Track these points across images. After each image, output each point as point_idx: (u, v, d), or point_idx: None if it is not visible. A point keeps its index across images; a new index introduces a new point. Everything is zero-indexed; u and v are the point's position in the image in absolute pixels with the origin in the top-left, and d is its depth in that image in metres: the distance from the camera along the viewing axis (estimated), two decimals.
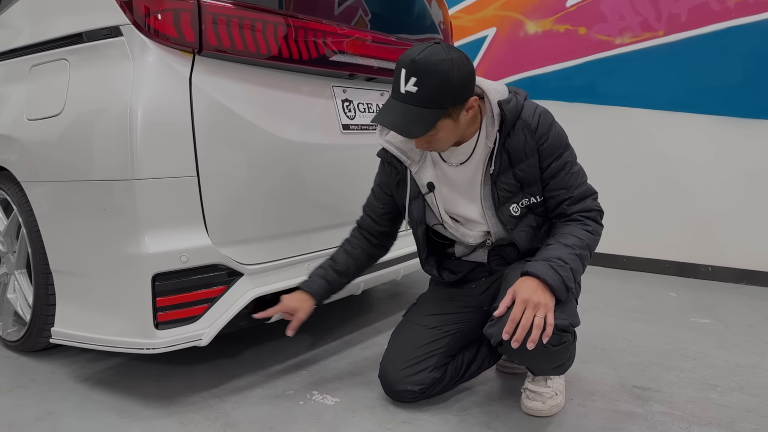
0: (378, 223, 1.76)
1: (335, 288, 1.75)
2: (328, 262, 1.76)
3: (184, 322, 1.59)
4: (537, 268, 1.41)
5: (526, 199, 1.56)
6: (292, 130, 1.84)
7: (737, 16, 3.06)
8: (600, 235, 1.53)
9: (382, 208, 1.75)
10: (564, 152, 1.53)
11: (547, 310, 1.36)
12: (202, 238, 1.60)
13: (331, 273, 1.73)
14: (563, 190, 1.53)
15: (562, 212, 1.54)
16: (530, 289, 1.37)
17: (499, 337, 1.38)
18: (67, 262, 1.74)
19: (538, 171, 1.53)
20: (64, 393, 1.74)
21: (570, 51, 3.54)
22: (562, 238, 1.48)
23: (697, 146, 3.25)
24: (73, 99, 1.66)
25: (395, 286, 2.97)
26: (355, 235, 1.80)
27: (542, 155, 1.52)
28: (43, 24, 1.81)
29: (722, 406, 1.69)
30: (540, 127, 1.51)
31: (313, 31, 1.86)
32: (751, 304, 2.81)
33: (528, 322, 1.34)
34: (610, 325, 2.42)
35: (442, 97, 1.39)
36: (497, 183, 1.54)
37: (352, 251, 1.76)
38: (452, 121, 1.44)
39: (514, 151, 1.52)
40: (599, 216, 1.54)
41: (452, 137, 1.49)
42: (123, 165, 1.52)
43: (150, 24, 1.53)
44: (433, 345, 1.64)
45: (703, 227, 3.28)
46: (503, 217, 1.56)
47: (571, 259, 1.43)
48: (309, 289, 1.70)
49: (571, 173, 1.53)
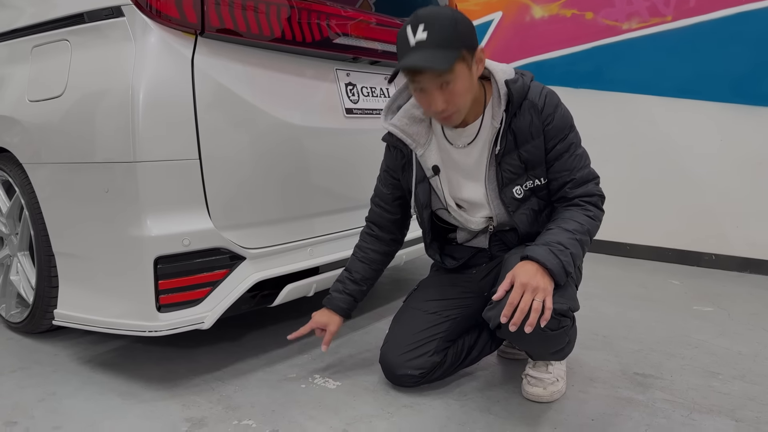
0: (389, 211, 1.75)
1: (358, 298, 1.76)
2: (344, 274, 1.77)
3: (187, 305, 1.59)
4: (537, 252, 1.40)
5: (530, 182, 1.55)
6: (294, 113, 1.83)
7: (747, 2, 3.01)
8: (601, 220, 1.53)
9: (390, 194, 1.73)
10: (569, 134, 1.52)
11: (546, 294, 1.35)
12: (204, 222, 1.60)
13: (349, 285, 1.74)
14: (566, 172, 1.52)
15: (564, 195, 1.53)
16: (529, 273, 1.37)
17: (498, 321, 1.38)
18: (70, 245, 1.74)
19: (543, 152, 1.52)
20: (66, 374, 1.75)
21: (576, 36, 3.50)
22: (563, 222, 1.47)
23: (703, 133, 3.22)
24: (75, 80, 1.64)
25: (397, 272, 2.97)
26: (364, 238, 1.79)
27: (547, 136, 1.50)
28: (45, 4, 1.79)
29: (724, 393, 1.69)
30: (546, 108, 1.49)
31: (316, 13, 1.84)
32: (755, 292, 2.80)
33: (526, 305, 1.34)
34: (612, 312, 2.41)
35: (454, 36, 1.36)
36: (502, 164, 1.53)
37: (365, 257, 1.76)
38: (467, 68, 1.40)
39: (520, 132, 1.51)
40: (600, 201, 1.53)
41: (467, 94, 1.44)
42: (125, 147, 1.51)
43: (152, 4, 1.51)
44: (433, 330, 1.64)
45: (707, 215, 3.26)
46: (506, 198, 1.55)
47: (571, 244, 1.43)
48: (332, 306, 1.73)
49: (575, 155, 1.52)
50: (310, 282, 1.89)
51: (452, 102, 1.42)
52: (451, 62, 1.35)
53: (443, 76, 1.38)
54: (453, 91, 1.40)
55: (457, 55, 1.35)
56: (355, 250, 1.79)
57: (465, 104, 1.45)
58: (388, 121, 1.61)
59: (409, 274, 2.93)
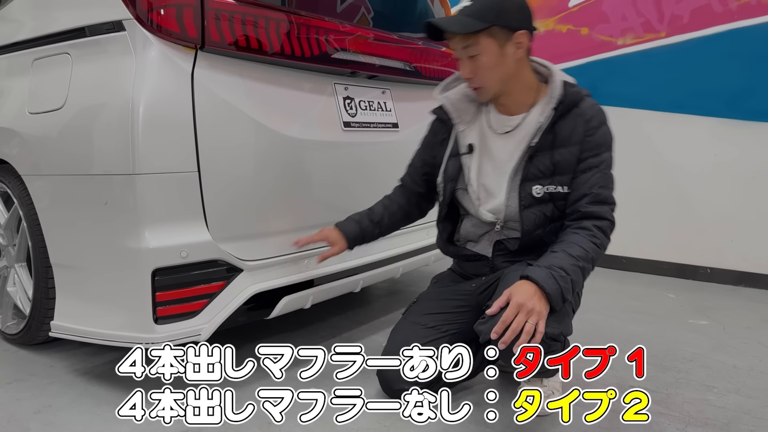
0: (415, 181, 1.83)
1: (367, 236, 1.83)
2: (365, 211, 1.85)
3: (184, 317, 1.59)
4: (537, 274, 1.40)
5: (553, 186, 1.56)
6: (293, 126, 1.84)
7: (740, 18, 3.06)
8: (606, 248, 1.53)
9: (420, 167, 1.81)
10: (605, 152, 1.55)
11: (540, 317, 1.35)
12: (202, 234, 1.61)
13: (365, 221, 1.81)
14: (588, 186, 1.53)
15: (578, 209, 1.53)
16: (527, 294, 1.36)
17: (488, 336, 1.39)
18: (67, 256, 1.75)
19: (575, 161, 1.54)
20: (62, 386, 1.74)
21: (572, 51, 3.54)
22: (568, 247, 1.47)
23: (697, 148, 3.25)
24: (75, 93, 1.66)
25: (394, 284, 2.97)
26: (395, 191, 1.88)
27: (584, 146, 1.54)
28: (46, 18, 1.81)
29: (719, 407, 1.70)
30: (592, 121, 1.54)
31: (315, 29, 1.86)
32: (750, 306, 2.81)
33: (518, 326, 1.33)
34: (608, 325, 2.42)
35: (489, 11, 1.46)
36: (533, 160, 1.57)
37: (390, 205, 1.85)
38: (497, 45, 1.49)
39: (560, 135, 1.55)
40: (610, 229, 1.54)
41: (496, 72, 1.52)
42: (124, 159, 1.52)
43: (153, 19, 1.53)
44: (431, 345, 1.64)
45: (702, 229, 3.28)
46: (524, 192, 1.57)
47: (573, 271, 1.42)
48: (343, 230, 1.79)
49: (604, 174, 1.54)
50: (307, 294, 1.90)
51: (478, 74, 1.53)
52: (469, 29, 1.46)
53: (468, 46, 1.50)
54: (479, 63, 1.51)
55: (482, 26, 1.46)
56: (384, 198, 1.88)
57: (492, 81, 1.54)
58: (443, 93, 1.69)
59: (405, 287, 2.94)
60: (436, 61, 2.47)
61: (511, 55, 1.52)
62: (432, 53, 2.44)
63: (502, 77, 1.54)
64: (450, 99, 1.67)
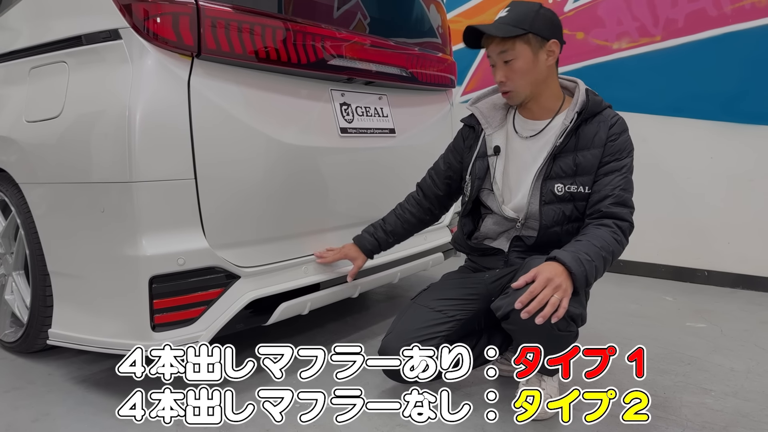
0: (436, 185, 1.91)
1: (383, 246, 1.96)
2: (378, 222, 1.96)
3: (181, 324, 1.59)
4: (564, 256, 1.45)
5: (575, 187, 1.62)
6: (290, 133, 1.85)
7: (734, 22, 3.07)
8: (624, 248, 1.58)
9: (444, 171, 1.90)
10: (626, 157, 1.63)
11: (565, 294, 1.41)
12: (199, 241, 1.61)
13: (380, 233, 1.94)
14: (610, 188, 1.59)
15: (600, 209, 1.59)
16: (555, 271, 1.42)
17: (509, 308, 1.45)
18: (65, 264, 1.75)
19: (597, 163, 1.62)
20: (60, 394, 1.74)
21: (568, 55, 3.55)
22: (592, 238, 1.53)
23: (694, 151, 3.26)
24: (72, 101, 1.66)
25: (392, 289, 2.97)
26: (408, 200, 1.97)
27: (606, 150, 1.62)
28: (43, 26, 1.81)
29: (717, 410, 1.70)
30: (615, 127, 1.63)
31: (311, 35, 1.87)
32: (747, 308, 2.82)
33: (545, 297, 1.39)
34: (606, 328, 2.42)
35: (525, 19, 1.58)
36: (556, 160, 1.64)
37: (401, 215, 1.95)
38: (531, 52, 1.60)
39: (584, 137, 1.63)
40: (629, 230, 1.60)
41: (528, 77, 1.62)
42: (121, 167, 1.52)
43: (149, 27, 1.54)
44: (436, 327, 1.67)
45: (699, 232, 3.29)
46: (545, 189, 1.64)
47: (597, 258, 1.49)
48: (360, 246, 1.94)
49: (625, 177, 1.61)
50: (305, 300, 1.90)
51: (511, 78, 1.63)
52: (509, 34, 1.57)
53: (504, 51, 1.60)
54: (513, 68, 1.61)
55: (520, 33, 1.57)
56: (396, 207, 1.99)
57: (523, 86, 1.64)
58: (474, 104, 1.81)
59: (404, 291, 2.94)
60: (432, 67, 2.48)
61: (543, 62, 1.62)
62: (428, 59, 2.45)
63: (533, 82, 1.64)
64: (479, 108, 1.79)
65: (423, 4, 2.51)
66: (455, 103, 2.83)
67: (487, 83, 3.76)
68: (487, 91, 1.84)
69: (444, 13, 2.70)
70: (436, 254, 2.50)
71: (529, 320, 1.40)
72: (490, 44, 1.63)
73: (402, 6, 2.43)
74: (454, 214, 2.63)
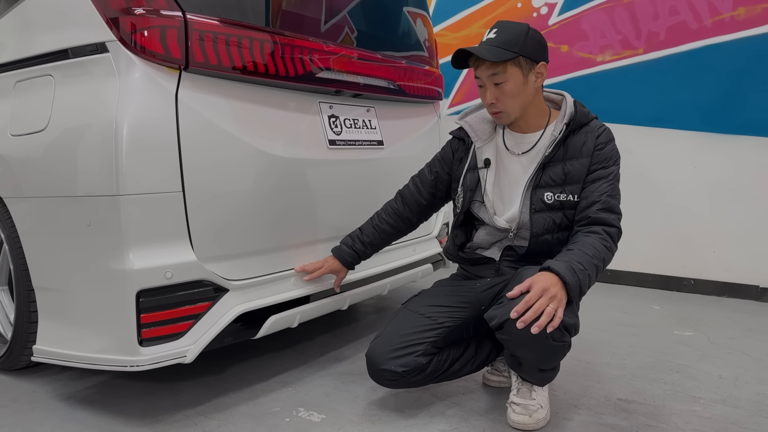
0: (421, 194, 1.91)
1: (362, 256, 1.95)
2: (356, 233, 1.96)
3: (169, 338, 1.58)
4: (558, 266, 1.46)
5: (564, 195, 1.65)
6: (278, 145, 1.85)
7: (714, 35, 3.14)
8: (614, 254, 1.60)
9: (430, 181, 1.89)
10: (612, 166, 1.66)
11: (560, 305, 1.42)
12: (187, 254, 1.60)
13: (357, 244, 1.93)
14: (597, 194, 1.62)
15: (588, 215, 1.61)
16: (550, 281, 1.43)
17: (504, 318, 1.45)
18: (50, 279, 1.72)
19: (585, 172, 1.65)
20: (45, 412, 1.71)
21: (552, 68, 3.59)
22: (584, 246, 1.54)
23: (677, 161, 3.31)
24: (58, 115, 1.65)
25: (381, 301, 2.97)
26: (386, 209, 1.96)
27: (594, 159, 1.65)
28: (29, 40, 1.80)
29: (706, 418, 1.71)
30: (601, 137, 1.67)
31: (299, 48, 1.88)
32: (733, 316, 2.85)
33: (541, 307, 1.40)
34: (594, 338, 2.44)
35: (516, 42, 1.59)
36: (546, 170, 1.66)
37: (378, 226, 1.94)
38: (521, 74, 1.61)
39: (572, 147, 1.66)
40: (617, 236, 1.61)
41: (518, 99, 1.64)
42: (108, 181, 1.51)
43: (136, 41, 1.53)
44: (424, 333, 1.67)
45: (684, 241, 3.33)
46: (535, 197, 1.65)
47: (589, 266, 1.50)
48: (339, 257, 1.93)
49: (612, 185, 1.64)
50: (294, 313, 1.89)
51: (501, 100, 1.64)
52: (501, 58, 1.57)
53: (495, 74, 1.60)
54: (503, 90, 1.62)
55: (511, 57, 1.58)
56: (374, 216, 1.97)
57: (513, 107, 1.65)
58: (463, 119, 1.82)
59: (393, 303, 2.93)
60: (419, 80, 2.50)
61: (532, 83, 1.64)
62: (415, 71, 2.47)
63: (523, 103, 1.66)
64: (469, 122, 1.80)
65: (410, 18, 2.54)
66: (442, 116, 2.85)
67: (474, 96, 3.79)
68: (473, 106, 1.86)
69: (431, 27, 2.72)
70: (425, 265, 2.50)
71: (524, 330, 1.40)
72: (480, 66, 1.64)
73: (389, 20, 2.45)
74: (443, 225, 2.63)
